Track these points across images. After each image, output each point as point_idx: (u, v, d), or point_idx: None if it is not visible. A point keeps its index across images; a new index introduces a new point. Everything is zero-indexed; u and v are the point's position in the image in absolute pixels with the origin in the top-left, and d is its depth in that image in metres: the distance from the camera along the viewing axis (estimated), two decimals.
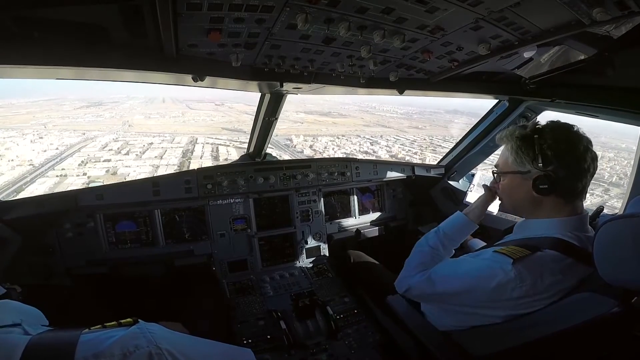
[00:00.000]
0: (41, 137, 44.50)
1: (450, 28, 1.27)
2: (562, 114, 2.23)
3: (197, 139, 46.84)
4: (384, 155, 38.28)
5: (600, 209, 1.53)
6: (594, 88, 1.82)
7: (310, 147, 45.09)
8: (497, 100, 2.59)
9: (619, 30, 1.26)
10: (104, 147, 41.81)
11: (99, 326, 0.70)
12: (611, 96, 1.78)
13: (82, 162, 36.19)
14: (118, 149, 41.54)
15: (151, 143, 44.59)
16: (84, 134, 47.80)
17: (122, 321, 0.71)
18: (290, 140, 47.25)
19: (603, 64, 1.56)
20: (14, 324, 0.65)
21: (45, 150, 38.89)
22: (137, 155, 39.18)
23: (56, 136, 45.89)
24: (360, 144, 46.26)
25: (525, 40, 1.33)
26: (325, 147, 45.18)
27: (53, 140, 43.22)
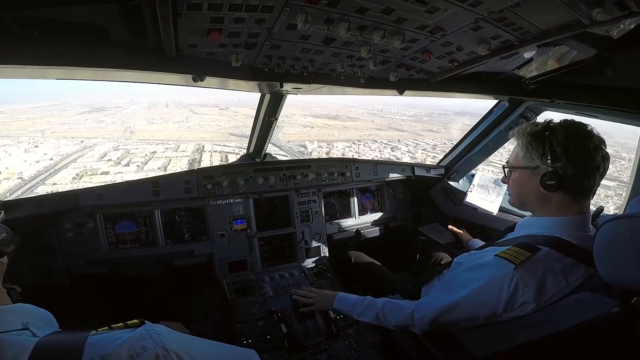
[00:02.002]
0: (36, 146, 40.69)
1: (450, 28, 1.27)
2: (562, 114, 2.23)
3: (203, 147, 42.50)
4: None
5: (600, 209, 1.53)
6: (594, 88, 1.82)
7: (327, 153, 41.01)
8: (497, 101, 2.59)
9: (619, 31, 1.26)
10: (102, 157, 37.33)
11: (105, 328, 0.70)
12: (611, 96, 1.78)
13: (77, 175, 32.56)
14: (118, 159, 36.97)
15: (154, 152, 40.27)
16: (82, 141, 43.96)
17: (129, 322, 0.71)
18: (305, 146, 43.51)
19: (603, 64, 1.56)
20: (24, 328, 0.65)
21: (38, 161, 34.59)
22: (138, 166, 35.68)
23: (52, 144, 42.26)
24: (380, 150, 41.49)
25: (525, 40, 1.33)
26: (343, 154, 40.83)
27: (48, 150, 39.54)
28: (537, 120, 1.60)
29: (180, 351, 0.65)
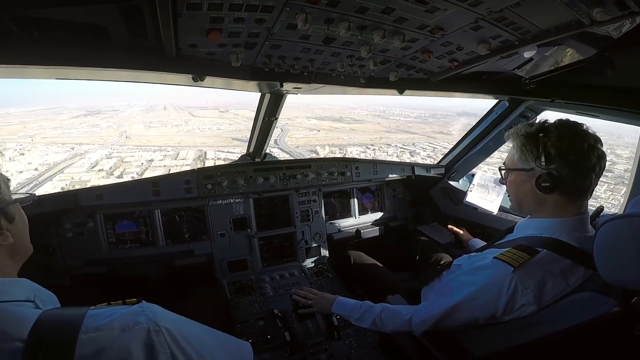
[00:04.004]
0: (22, 154, 35.73)
1: (450, 28, 1.27)
2: (562, 114, 2.23)
3: (206, 154, 38.16)
4: None
5: (600, 209, 1.53)
6: (593, 88, 1.82)
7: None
8: (497, 100, 2.59)
9: (619, 31, 1.26)
10: (92, 167, 32.75)
11: (104, 304, 0.73)
12: (611, 96, 1.78)
13: (63, 189, 24.05)
14: (110, 168, 32.42)
15: (151, 160, 35.97)
16: (73, 148, 39.23)
17: (127, 300, 0.74)
18: (316, 152, 39.95)
19: (603, 64, 1.56)
20: (27, 300, 0.69)
21: (21, 172, 30.83)
22: (132, 177, 29.04)
23: (40, 152, 37.40)
24: (398, 155, 37.72)
25: (525, 40, 1.33)
26: None
27: (34, 158, 34.84)
28: (537, 120, 1.60)
29: (172, 329, 0.67)
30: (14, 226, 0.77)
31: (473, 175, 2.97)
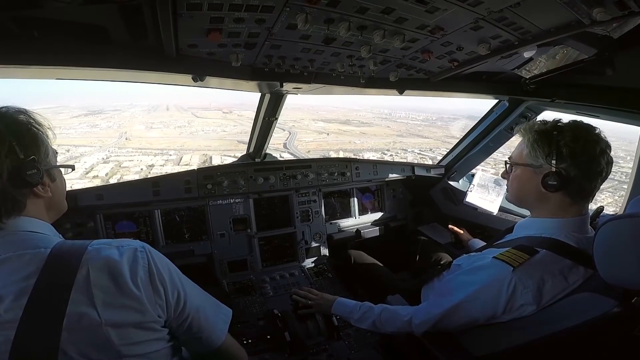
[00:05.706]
0: None
1: (450, 28, 1.27)
2: (562, 114, 2.23)
3: (211, 158, 34.66)
4: None
5: (600, 209, 1.53)
6: (594, 88, 1.82)
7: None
8: (497, 101, 2.59)
9: (619, 31, 1.26)
10: (87, 173, 29.58)
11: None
12: (611, 96, 1.78)
13: None
14: (107, 175, 29.26)
15: (152, 165, 33.01)
16: (68, 150, 36.01)
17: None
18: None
19: (603, 64, 1.56)
20: (55, 236, 0.93)
21: None
22: None
23: None
24: (418, 162, 35.69)
25: (525, 40, 1.33)
26: None
27: None
28: (538, 120, 1.59)
29: (155, 256, 0.91)
30: (54, 185, 0.96)
31: (473, 175, 2.97)
